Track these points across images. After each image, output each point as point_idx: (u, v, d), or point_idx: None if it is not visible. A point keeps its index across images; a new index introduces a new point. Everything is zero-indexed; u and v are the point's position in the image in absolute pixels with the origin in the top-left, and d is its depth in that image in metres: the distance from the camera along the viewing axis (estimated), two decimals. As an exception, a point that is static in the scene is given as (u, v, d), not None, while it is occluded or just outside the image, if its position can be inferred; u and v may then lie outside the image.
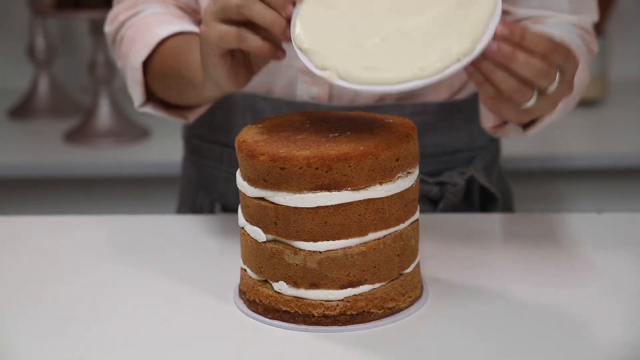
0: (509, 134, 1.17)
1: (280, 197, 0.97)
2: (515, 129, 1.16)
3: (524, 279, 1.09)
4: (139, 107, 1.24)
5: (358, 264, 0.98)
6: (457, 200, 1.30)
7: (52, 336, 0.99)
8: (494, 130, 1.19)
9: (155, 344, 0.97)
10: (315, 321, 0.98)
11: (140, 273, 1.13)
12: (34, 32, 2.42)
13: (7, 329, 1.00)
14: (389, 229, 0.99)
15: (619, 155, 2.10)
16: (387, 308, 1.00)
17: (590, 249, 1.17)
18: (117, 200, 2.28)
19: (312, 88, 1.26)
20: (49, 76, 2.44)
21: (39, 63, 2.42)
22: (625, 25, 2.54)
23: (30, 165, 2.17)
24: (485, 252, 1.17)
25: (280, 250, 0.98)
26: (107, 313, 1.03)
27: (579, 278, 1.09)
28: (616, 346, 0.94)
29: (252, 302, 1.02)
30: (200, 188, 1.38)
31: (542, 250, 1.17)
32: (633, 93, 2.47)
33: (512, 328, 0.98)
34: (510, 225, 1.27)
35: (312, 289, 0.98)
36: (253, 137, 1.00)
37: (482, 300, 1.04)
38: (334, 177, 0.95)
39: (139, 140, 2.24)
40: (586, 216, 1.28)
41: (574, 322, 0.99)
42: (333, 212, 0.96)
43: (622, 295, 1.05)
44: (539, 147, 2.14)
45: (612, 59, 2.52)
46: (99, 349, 0.96)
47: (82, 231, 1.26)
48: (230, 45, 1.02)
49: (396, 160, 0.97)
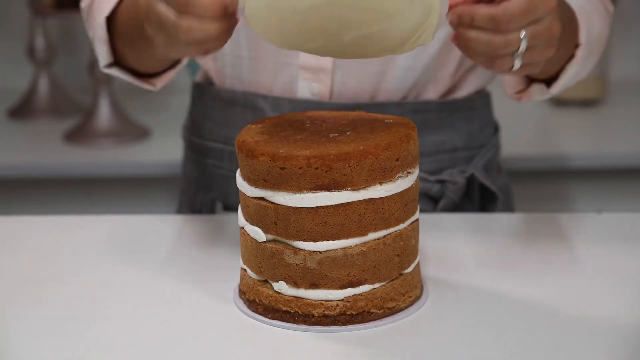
0: (534, 96, 1.17)
1: (280, 197, 0.97)
2: (540, 89, 1.16)
3: (524, 279, 1.09)
4: (104, 67, 1.23)
5: (358, 264, 0.98)
6: (458, 199, 1.30)
7: (52, 336, 0.98)
8: (518, 96, 1.19)
9: (155, 344, 0.97)
10: (315, 321, 0.98)
11: (140, 273, 1.13)
12: (34, 32, 2.42)
13: (7, 329, 1.00)
14: (389, 229, 0.99)
15: (619, 155, 2.10)
16: (387, 308, 1.00)
17: (590, 249, 1.17)
18: (117, 200, 2.28)
19: (312, 85, 1.26)
20: (49, 76, 2.43)
21: (39, 63, 2.42)
22: (625, 25, 2.54)
23: (30, 165, 2.16)
24: (486, 252, 1.17)
25: (280, 250, 0.98)
26: (107, 313, 1.03)
27: (579, 278, 1.09)
28: (617, 346, 0.94)
29: (252, 302, 1.02)
30: (200, 187, 1.38)
31: (542, 250, 1.17)
32: (633, 93, 2.47)
33: (512, 328, 0.98)
34: (510, 225, 1.27)
35: (312, 289, 0.98)
36: (253, 137, 1.00)
37: (482, 300, 1.04)
38: (334, 177, 0.95)
39: (139, 140, 2.23)
40: (586, 216, 1.28)
41: (574, 322, 0.99)
42: (333, 212, 0.96)
43: (623, 295, 1.05)
44: (539, 147, 2.14)
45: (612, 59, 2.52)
46: (99, 349, 0.96)
47: (82, 231, 1.26)
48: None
49: (396, 160, 0.97)
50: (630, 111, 2.36)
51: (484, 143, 1.36)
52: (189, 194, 1.42)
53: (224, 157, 1.33)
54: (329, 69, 1.25)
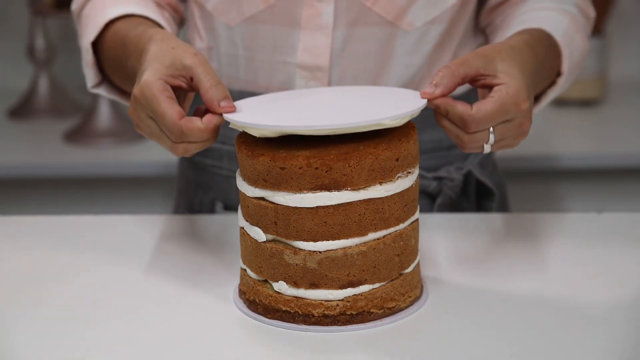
0: None
1: (280, 197, 0.97)
2: None
3: (524, 279, 1.09)
4: (91, 88, 1.25)
5: (358, 264, 0.98)
6: (455, 195, 1.31)
7: (52, 336, 0.98)
8: None
9: (155, 344, 0.97)
10: (315, 321, 0.98)
11: (140, 273, 1.13)
12: (34, 32, 2.42)
13: (7, 329, 1.00)
14: (388, 229, 0.99)
15: (619, 155, 2.10)
16: (387, 308, 1.00)
17: (590, 249, 1.17)
18: (117, 200, 2.28)
19: (310, 83, 1.26)
20: (49, 76, 2.43)
21: (39, 63, 2.42)
22: (625, 25, 2.54)
23: (30, 165, 2.16)
24: (486, 252, 1.17)
25: (280, 250, 0.98)
26: (107, 313, 1.03)
27: (579, 278, 1.09)
28: (617, 346, 0.94)
29: (252, 302, 1.02)
30: (199, 187, 1.38)
31: (542, 250, 1.17)
32: (633, 93, 2.47)
33: (512, 328, 0.98)
34: (510, 225, 1.27)
35: (312, 289, 0.98)
36: (253, 137, 1.00)
37: (481, 300, 1.04)
38: (334, 177, 0.95)
39: (139, 140, 2.23)
40: (586, 216, 1.28)
41: (574, 321, 0.99)
42: (333, 212, 0.96)
43: (623, 295, 1.05)
44: (538, 147, 2.14)
45: (612, 59, 2.52)
46: (99, 349, 0.96)
47: (82, 231, 1.26)
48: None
49: (396, 160, 0.97)
50: (630, 111, 2.36)
51: None
52: (186, 194, 1.41)
53: (223, 156, 1.33)
54: (325, 66, 1.25)
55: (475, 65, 1.03)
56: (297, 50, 1.25)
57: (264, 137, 0.98)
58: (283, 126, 0.95)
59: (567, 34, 1.22)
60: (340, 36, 1.24)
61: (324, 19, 1.23)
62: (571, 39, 1.22)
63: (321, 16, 1.23)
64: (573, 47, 1.22)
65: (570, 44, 1.22)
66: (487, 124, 1.02)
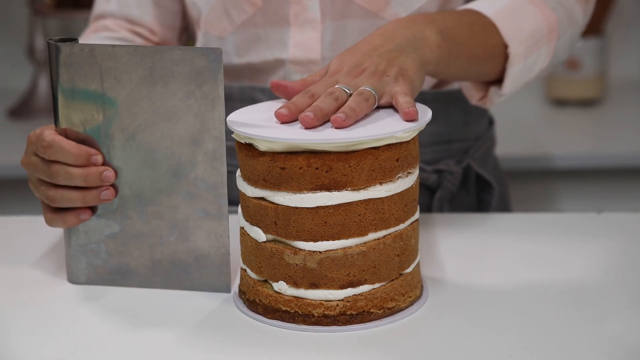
0: (494, 99, 1.22)
1: (280, 197, 0.97)
2: (496, 92, 1.21)
3: (524, 279, 1.09)
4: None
5: (358, 264, 0.98)
6: (455, 188, 1.32)
7: (51, 336, 0.99)
8: (482, 102, 1.24)
9: (155, 344, 0.97)
10: (315, 321, 0.98)
11: (140, 273, 1.13)
12: (34, 32, 2.42)
13: (7, 329, 1.00)
14: (389, 229, 0.99)
15: (619, 155, 2.10)
16: (387, 308, 1.00)
17: (589, 249, 1.17)
18: (116, 200, 2.28)
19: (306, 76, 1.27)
20: (48, 76, 2.43)
21: (39, 63, 2.42)
22: (625, 25, 2.54)
23: (30, 165, 2.16)
24: (486, 252, 1.17)
25: (280, 250, 0.98)
26: (106, 312, 1.03)
27: (579, 278, 1.09)
28: (617, 346, 0.94)
29: (252, 302, 1.02)
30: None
31: (542, 250, 1.17)
32: (633, 93, 2.47)
33: (511, 328, 0.98)
34: (510, 225, 1.27)
35: (312, 289, 0.98)
36: (253, 137, 1.00)
37: (482, 300, 1.04)
38: (334, 177, 0.95)
39: (139, 140, 2.23)
40: (586, 216, 1.28)
41: (574, 322, 0.99)
42: (333, 212, 0.96)
43: (623, 296, 1.05)
44: (538, 147, 2.14)
45: (612, 59, 2.52)
46: (98, 349, 0.96)
47: (82, 231, 1.26)
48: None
49: (396, 161, 0.97)
50: (630, 111, 2.36)
51: (479, 135, 1.38)
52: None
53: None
54: (318, 59, 1.26)
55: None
56: (289, 47, 1.26)
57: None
58: (295, 139, 0.95)
59: (510, 8, 1.19)
60: (329, 29, 1.25)
61: (311, 13, 1.25)
62: (515, 13, 1.19)
63: (308, 11, 1.25)
64: (520, 19, 1.19)
65: (514, 17, 1.19)
66: (320, 84, 1.02)
